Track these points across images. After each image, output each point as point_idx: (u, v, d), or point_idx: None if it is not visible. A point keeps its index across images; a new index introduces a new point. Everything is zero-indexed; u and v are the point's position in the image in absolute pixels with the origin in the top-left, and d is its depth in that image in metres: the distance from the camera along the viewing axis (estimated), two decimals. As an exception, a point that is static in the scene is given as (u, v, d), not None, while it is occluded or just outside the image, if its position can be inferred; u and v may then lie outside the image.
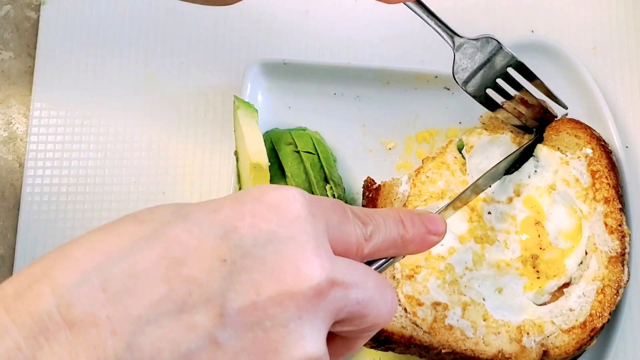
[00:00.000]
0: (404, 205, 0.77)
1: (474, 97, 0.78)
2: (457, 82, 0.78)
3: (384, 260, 0.57)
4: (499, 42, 0.77)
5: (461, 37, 0.77)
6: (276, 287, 0.46)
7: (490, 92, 0.78)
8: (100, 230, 0.47)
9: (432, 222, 0.59)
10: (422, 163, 0.80)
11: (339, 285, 0.49)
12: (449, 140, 0.81)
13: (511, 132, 0.81)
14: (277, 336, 0.46)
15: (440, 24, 0.76)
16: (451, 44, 0.77)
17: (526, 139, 0.80)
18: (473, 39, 0.77)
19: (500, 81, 0.78)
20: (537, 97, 0.79)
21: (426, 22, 0.76)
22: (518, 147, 0.80)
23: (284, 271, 0.47)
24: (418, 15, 0.75)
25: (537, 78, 0.78)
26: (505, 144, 0.80)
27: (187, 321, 0.45)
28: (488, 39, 0.77)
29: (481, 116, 0.81)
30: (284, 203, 0.49)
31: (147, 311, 0.44)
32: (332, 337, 0.53)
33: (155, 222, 0.47)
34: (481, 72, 0.78)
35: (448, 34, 0.77)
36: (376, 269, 0.57)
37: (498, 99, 0.79)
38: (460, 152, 0.81)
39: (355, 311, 0.51)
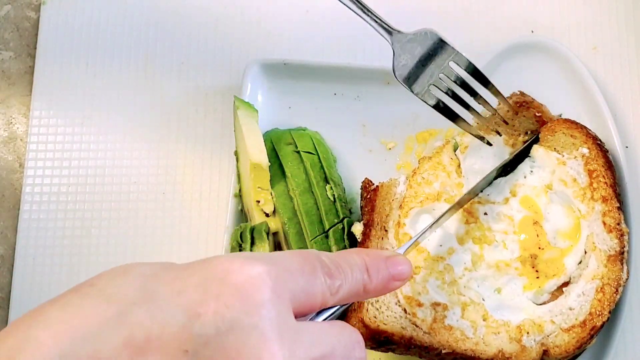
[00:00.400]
0: (401, 206, 0.77)
1: (422, 100, 0.75)
2: (397, 79, 0.75)
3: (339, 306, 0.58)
4: (438, 35, 0.74)
5: (398, 31, 0.74)
6: None
7: (436, 91, 0.75)
8: (65, 306, 0.47)
9: (397, 266, 0.59)
10: (419, 163, 0.80)
11: None
12: (446, 141, 0.81)
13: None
14: None
15: (374, 18, 0.74)
16: (388, 40, 0.74)
17: (520, 140, 0.80)
18: (411, 33, 0.74)
19: (444, 77, 0.75)
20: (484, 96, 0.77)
21: (360, 16, 0.73)
22: (511, 148, 0.80)
23: None
24: (351, 10, 0.73)
25: (486, 78, 0.75)
26: (498, 145, 0.80)
27: None
28: (427, 32, 0.74)
29: (475, 116, 0.81)
30: (249, 286, 0.49)
31: None
32: None
33: (120, 302, 0.47)
34: (423, 67, 0.74)
35: (384, 28, 0.74)
36: (333, 312, 0.57)
37: (445, 98, 0.75)
38: (455, 154, 0.80)
39: None
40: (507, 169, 0.79)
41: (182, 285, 0.49)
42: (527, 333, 0.73)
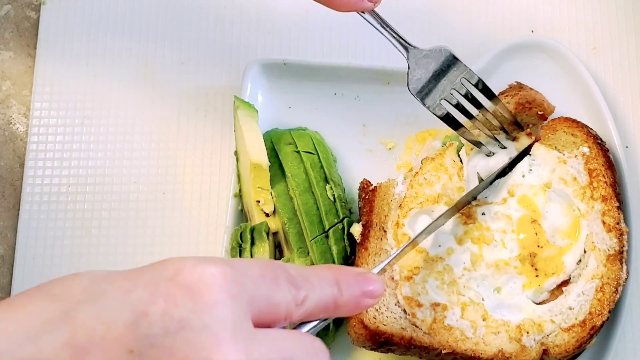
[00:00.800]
0: (401, 206, 0.77)
1: (432, 112, 0.77)
2: (411, 92, 0.76)
3: (317, 321, 0.56)
4: (452, 53, 0.76)
5: (414, 47, 0.76)
6: None
7: (446, 104, 0.76)
8: (11, 306, 0.46)
9: (369, 284, 0.57)
10: (421, 164, 0.80)
11: None
12: (450, 143, 0.81)
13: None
14: None
15: (393, 34, 0.75)
16: (404, 54, 0.76)
17: (523, 136, 0.80)
18: (426, 49, 0.76)
19: (455, 92, 0.76)
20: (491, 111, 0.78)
21: (379, 31, 0.75)
22: (512, 141, 0.80)
23: None
24: (371, 24, 0.74)
25: (494, 95, 0.77)
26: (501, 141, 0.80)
27: None
28: (442, 49, 0.76)
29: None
30: (201, 286, 0.47)
31: None
32: None
33: (66, 300, 0.46)
34: (436, 82, 0.76)
35: (401, 43, 0.76)
36: (308, 330, 0.55)
37: (453, 111, 0.77)
38: (459, 155, 0.80)
39: None
40: (505, 169, 0.79)
41: (131, 285, 0.47)
42: (527, 332, 0.73)
